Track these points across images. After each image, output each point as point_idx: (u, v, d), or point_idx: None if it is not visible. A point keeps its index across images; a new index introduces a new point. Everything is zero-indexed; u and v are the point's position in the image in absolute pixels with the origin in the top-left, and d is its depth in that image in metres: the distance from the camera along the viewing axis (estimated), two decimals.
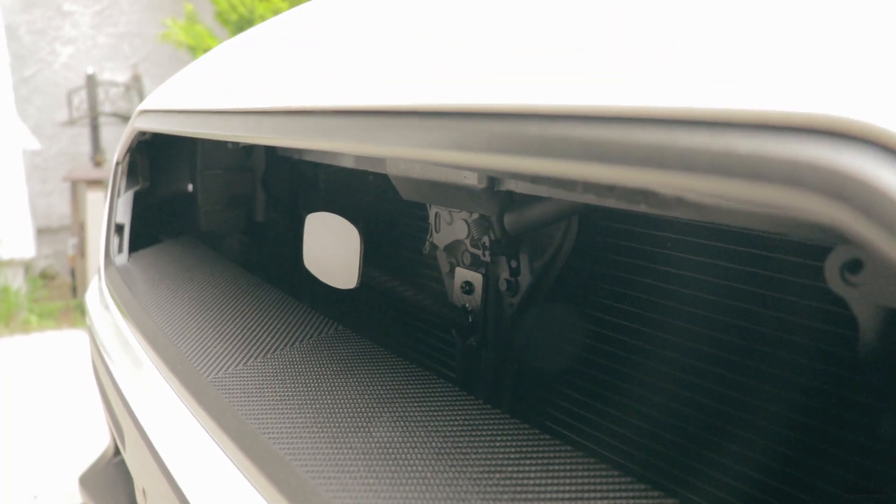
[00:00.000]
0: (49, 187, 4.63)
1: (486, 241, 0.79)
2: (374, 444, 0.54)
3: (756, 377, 0.63)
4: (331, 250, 0.81)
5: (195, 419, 0.68)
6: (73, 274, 4.16)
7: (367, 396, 0.63)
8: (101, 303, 1.12)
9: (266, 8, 3.68)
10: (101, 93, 4.43)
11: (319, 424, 0.58)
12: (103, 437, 1.83)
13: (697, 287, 0.68)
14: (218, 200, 1.34)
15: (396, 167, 0.80)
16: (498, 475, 0.48)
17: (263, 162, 1.33)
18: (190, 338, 0.82)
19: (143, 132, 1.13)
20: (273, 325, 0.83)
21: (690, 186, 0.27)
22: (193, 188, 1.35)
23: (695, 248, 0.67)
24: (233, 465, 0.59)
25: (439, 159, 0.43)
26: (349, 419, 0.59)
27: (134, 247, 1.23)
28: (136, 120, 1.11)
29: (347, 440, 0.55)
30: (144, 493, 0.80)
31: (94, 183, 3.77)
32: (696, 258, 0.67)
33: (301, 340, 0.78)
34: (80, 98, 4.40)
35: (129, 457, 0.89)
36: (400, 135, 0.47)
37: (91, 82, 4.30)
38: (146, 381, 0.83)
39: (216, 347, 0.78)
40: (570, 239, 0.78)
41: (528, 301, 0.81)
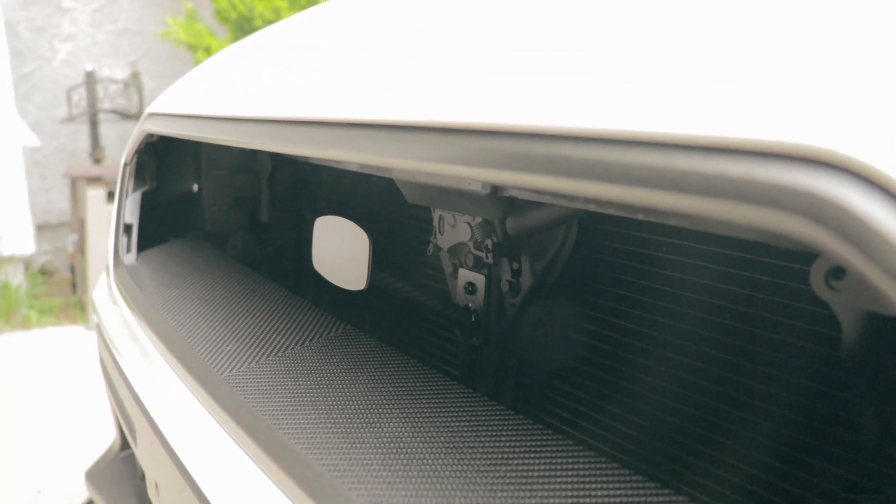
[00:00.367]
0: (49, 184, 4.63)
1: (488, 243, 0.82)
2: (384, 439, 0.57)
3: (753, 375, 0.65)
4: (340, 253, 0.83)
5: (210, 415, 0.70)
6: (72, 270, 4.17)
7: (377, 393, 0.66)
8: (110, 301, 1.14)
9: (265, 6, 3.69)
10: (100, 90, 4.44)
11: (332, 420, 0.61)
12: (106, 432, 1.85)
13: (693, 288, 0.70)
14: (223, 201, 1.36)
15: (402, 172, 0.82)
16: (504, 468, 0.51)
17: (268, 163, 1.34)
18: (201, 336, 0.85)
19: (150, 134, 1.14)
20: (282, 325, 0.85)
21: (685, 206, 0.30)
22: (199, 188, 1.37)
23: (691, 252, 0.70)
24: (249, 458, 0.61)
25: (444, 172, 0.46)
26: (360, 415, 0.61)
27: (140, 246, 1.25)
28: (145, 122, 1.13)
29: (359, 435, 0.58)
30: (157, 486, 0.82)
31: (93, 179, 3.78)
32: (692, 261, 0.70)
33: (311, 339, 0.80)
34: (80, 95, 4.41)
35: (140, 452, 0.91)
36: (406, 148, 0.49)
37: (90, 79, 4.30)
38: (159, 377, 0.85)
39: (228, 345, 0.80)
40: (569, 242, 0.80)
41: (530, 301, 0.84)
